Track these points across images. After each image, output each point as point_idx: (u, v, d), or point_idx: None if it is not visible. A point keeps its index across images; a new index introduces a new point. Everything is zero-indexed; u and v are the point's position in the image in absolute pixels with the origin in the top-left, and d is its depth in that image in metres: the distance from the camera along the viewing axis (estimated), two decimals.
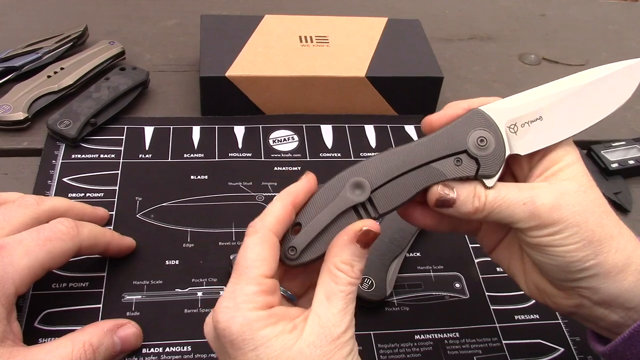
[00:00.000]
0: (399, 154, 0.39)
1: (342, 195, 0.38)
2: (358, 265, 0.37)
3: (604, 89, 0.42)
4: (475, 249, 0.58)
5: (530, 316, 0.53)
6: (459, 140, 0.39)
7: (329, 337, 0.35)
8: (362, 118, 0.70)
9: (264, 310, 0.35)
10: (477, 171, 0.39)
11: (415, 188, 0.39)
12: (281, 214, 0.38)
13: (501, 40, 0.86)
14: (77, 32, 0.73)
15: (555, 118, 0.41)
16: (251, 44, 0.69)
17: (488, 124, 0.40)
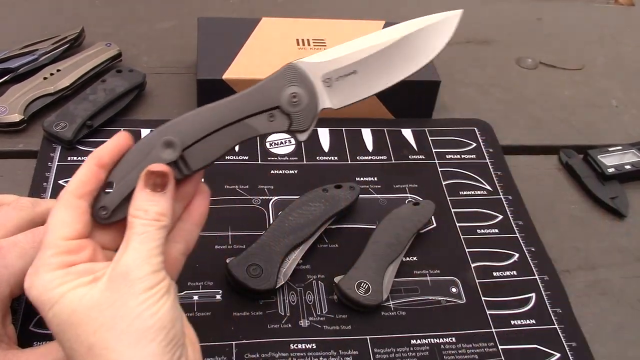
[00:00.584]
0: (213, 110, 0.40)
1: (153, 155, 0.39)
2: (153, 209, 0.37)
3: (418, 42, 0.44)
4: (471, 253, 0.58)
5: (526, 321, 0.53)
6: (272, 96, 0.40)
7: (125, 281, 0.35)
8: (359, 122, 0.70)
9: (61, 269, 0.36)
10: (290, 126, 0.40)
11: (228, 144, 0.40)
12: (85, 176, 0.38)
13: (498, 44, 0.86)
14: (73, 33, 0.73)
15: (369, 72, 0.42)
16: (248, 46, 0.69)
17: (302, 79, 0.41)
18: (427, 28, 0.44)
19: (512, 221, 0.61)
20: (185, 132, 0.39)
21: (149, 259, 0.36)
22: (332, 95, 0.42)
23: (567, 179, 0.67)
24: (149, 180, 0.38)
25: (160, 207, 0.38)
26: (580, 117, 0.75)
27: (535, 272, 0.57)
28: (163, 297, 0.35)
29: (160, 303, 0.35)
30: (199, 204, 0.42)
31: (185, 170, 0.39)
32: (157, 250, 0.37)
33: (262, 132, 0.40)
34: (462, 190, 0.64)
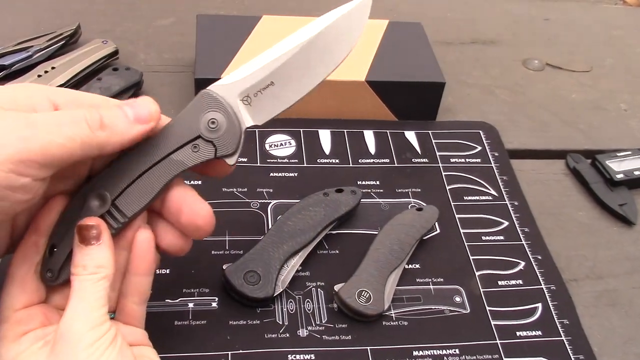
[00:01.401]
0: (138, 154, 0.39)
1: (85, 210, 0.38)
2: (91, 263, 0.37)
3: (331, 37, 0.42)
4: (476, 261, 0.56)
5: (532, 332, 0.52)
6: (191, 126, 0.39)
7: (67, 342, 0.35)
8: (361, 123, 0.68)
9: (15, 340, 0.36)
10: (216, 152, 0.40)
11: (158, 183, 0.39)
12: (23, 247, 0.38)
13: (504, 45, 0.85)
14: (69, 30, 0.71)
15: (286, 80, 0.41)
16: (248, 45, 0.67)
17: (217, 103, 0.40)
18: (338, 21, 0.42)
19: (517, 228, 0.60)
20: (112, 182, 0.39)
21: (87, 315, 0.36)
22: (254, 112, 0.41)
23: (574, 184, 0.66)
24: (81, 235, 0.37)
25: (97, 260, 0.37)
26: (588, 121, 0.73)
27: (542, 282, 0.55)
28: (107, 350, 0.36)
29: (104, 357, 0.35)
30: (141, 253, 0.40)
31: (121, 219, 0.39)
32: (97, 303, 0.36)
33: (190, 164, 0.40)
34: (466, 195, 0.62)
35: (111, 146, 0.36)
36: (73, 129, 0.34)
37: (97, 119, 0.35)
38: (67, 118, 0.35)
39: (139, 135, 0.37)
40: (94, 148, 0.35)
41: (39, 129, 0.33)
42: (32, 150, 0.32)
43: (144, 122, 0.37)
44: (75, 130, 0.34)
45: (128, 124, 0.37)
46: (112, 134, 0.36)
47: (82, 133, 0.35)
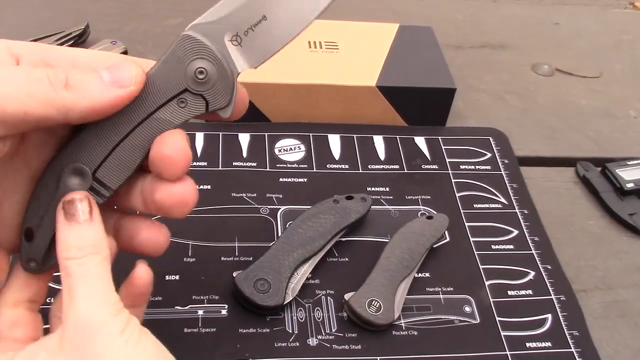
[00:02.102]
0: (113, 117, 0.34)
1: (62, 188, 0.34)
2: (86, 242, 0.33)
3: None
4: (486, 270, 0.56)
5: (542, 344, 0.51)
6: (175, 78, 0.34)
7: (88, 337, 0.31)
8: (371, 128, 0.67)
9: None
10: (207, 106, 0.35)
11: (143, 147, 0.35)
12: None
13: (513, 49, 0.84)
14: (78, 30, 0.71)
15: (281, 11, 0.35)
16: None
17: (204, 49, 0.34)
18: None
19: (527, 237, 0.59)
20: (88, 152, 0.34)
21: (105, 299, 0.32)
22: (246, 54, 0.36)
23: (584, 193, 0.65)
24: (68, 212, 0.33)
25: (92, 239, 0.33)
26: (598, 128, 0.73)
27: (552, 292, 0.55)
28: (140, 337, 0.32)
29: (141, 346, 0.32)
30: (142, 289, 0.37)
31: (105, 192, 0.35)
32: (110, 286, 0.33)
33: (177, 122, 0.35)
34: (476, 203, 0.62)
35: (79, 110, 0.31)
36: (31, 84, 0.30)
37: (61, 78, 0.31)
38: (24, 72, 0.31)
39: (115, 101, 0.32)
40: (57, 110, 0.31)
41: None
42: None
43: (122, 86, 0.32)
44: (34, 86, 0.30)
45: (101, 87, 0.32)
46: (80, 96, 0.31)
47: (42, 90, 0.30)
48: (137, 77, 0.33)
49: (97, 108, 0.32)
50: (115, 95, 0.32)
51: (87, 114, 0.32)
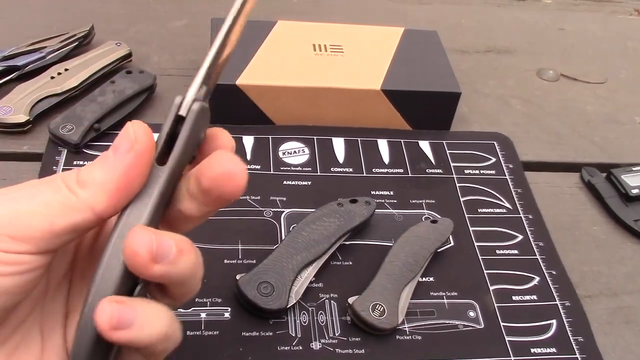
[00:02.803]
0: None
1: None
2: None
3: None
4: (490, 275, 0.56)
5: (547, 350, 0.51)
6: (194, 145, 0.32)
7: None
8: (375, 132, 0.67)
9: None
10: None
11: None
12: None
13: (519, 54, 0.84)
14: (82, 31, 0.71)
15: None
16: (263, 50, 0.67)
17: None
18: None
19: (532, 242, 0.59)
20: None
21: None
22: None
23: (589, 198, 0.65)
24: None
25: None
26: (603, 134, 0.73)
27: (557, 297, 0.55)
28: None
29: None
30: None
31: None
32: None
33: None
34: (480, 208, 0.61)
35: (101, 204, 0.29)
36: (48, 194, 0.29)
37: (72, 178, 0.30)
38: (42, 186, 0.30)
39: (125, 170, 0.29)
40: (83, 212, 0.29)
41: (8, 197, 0.29)
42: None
43: (125, 151, 0.30)
44: (50, 195, 0.29)
45: (112, 162, 0.29)
46: (97, 186, 0.29)
47: (59, 195, 0.29)
48: (138, 134, 0.30)
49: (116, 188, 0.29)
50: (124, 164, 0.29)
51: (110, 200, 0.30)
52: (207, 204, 0.32)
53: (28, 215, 0.28)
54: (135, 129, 0.30)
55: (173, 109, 0.31)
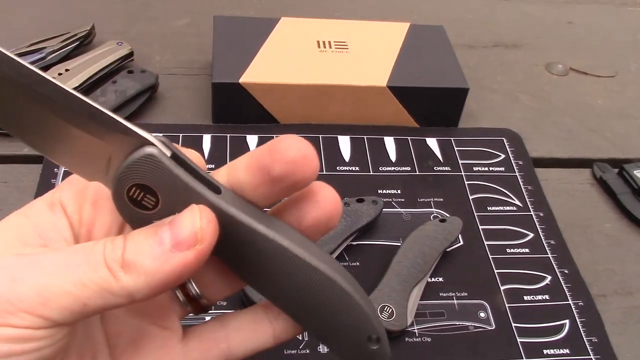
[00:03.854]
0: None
1: None
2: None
3: None
4: (501, 275, 0.55)
5: (560, 351, 0.50)
6: None
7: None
8: (382, 129, 0.66)
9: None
10: None
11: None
12: None
13: (527, 48, 0.82)
14: (83, 31, 0.70)
15: None
16: (266, 48, 0.65)
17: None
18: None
19: (543, 240, 0.58)
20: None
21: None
22: None
23: (601, 195, 0.64)
24: None
25: None
26: (614, 129, 0.71)
27: (569, 297, 0.54)
28: None
29: None
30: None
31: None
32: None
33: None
34: (490, 206, 0.60)
35: (140, 293, 0.26)
36: (87, 272, 0.26)
37: (118, 256, 0.26)
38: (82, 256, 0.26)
39: (180, 269, 0.26)
40: (119, 297, 0.26)
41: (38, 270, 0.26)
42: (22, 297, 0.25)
43: (186, 247, 0.26)
44: (90, 275, 0.26)
45: (161, 257, 0.26)
46: (141, 275, 0.26)
47: (98, 277, 0.26)
48: (205, 230, 0.26)
49: (164, 283, 0.26)
50: (179, 262, 0.26)
51: (153, 292, 0.26)
52: (271, 195, 0.29)
53: (61, 295, 0.25)
54: (203, 225, 0.26)
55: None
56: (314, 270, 0.29)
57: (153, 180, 0.27)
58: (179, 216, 0.27)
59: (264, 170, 0.28)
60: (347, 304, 0.30)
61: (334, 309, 0.30)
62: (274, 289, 0.30)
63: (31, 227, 0.29)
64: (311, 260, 0.29)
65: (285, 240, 0.29)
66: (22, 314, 0.25)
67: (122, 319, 0.32)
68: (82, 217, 0.30)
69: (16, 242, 0.28)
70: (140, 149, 0.27)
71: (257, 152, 0.29)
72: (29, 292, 0.25)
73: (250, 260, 0.29)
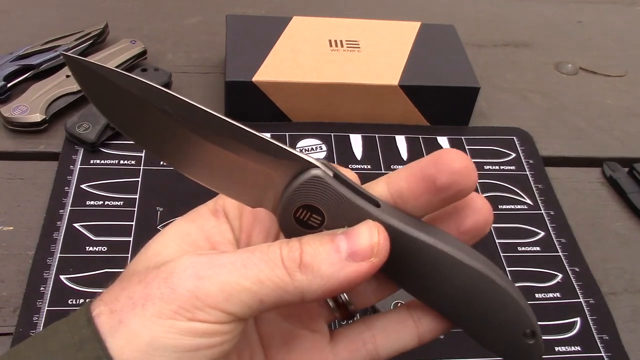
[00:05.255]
0: None
1: None
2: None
3: None
4: (512, 273, 0.55)
5: (571, 348, 0.50)
6: None
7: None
8: (393, 128, 0.66)
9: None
10: None
11: None
12: None
13: (536, 48, 0.83)
14: (97, 29, 0.70)
15: None
16: (279, 47, 0.66)
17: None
18: None
19: (554, 239, 0.58)
20: None
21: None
22: None
23: (611, 194, 0.64)
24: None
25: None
26: (624, 128, 0.72)
27: (580, 295, 0.54)
28: None
29: None
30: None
31: None
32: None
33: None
34: (501, 204, 0.61)
35: (313, 293, 0.28)
36: (265, 270, 0.28)
37: (296, 257, 0.28)
38: (259, 255, 0.28)
39: (354, 278, 0.28)
40: (292, 295, 0.28)
41: (219, 268, 0.28)
42: (209, 293, 0.27)
43: (362, 258, 0.28)
44: (268, 273, 0.28)
45: (338, 263, 0.28)
46: (316, 277, 0.28)
47: (276, 276, 0.28)
48: (380, 245, 0.28)
49: (337, 288, 0.28)
50: (354, 271, 0.28)
51: (324, 294, 0.28)
52: (431, 204, 0.31)
53: (241, 291, 0.27)
54: (380, 240, 0.28)
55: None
56: (474, 272, 0.30)
57: (319, 200, 0.29)
58: (356, 229, 0.29)
59: (428, 180, 0.30)
60: (505, 301, 0.31)
61: (493, 306, 0.31)
62: (433, 292, 0.32)
63: (199, 232, 0.31)
64: (471, 262, 0.30)
65: (446, 246, 0.30)
66: (208, 309, 0.27)
67: (274, 322, 0.34)
68: (243, 223, 0.33)
69: (187, 246, 0.31)
70: (306, 172, 0.29)
71: (419, 163, 0.31)
72: (214, 289, 0.27)
73: (410, 267, 0.31)
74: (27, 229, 0.53)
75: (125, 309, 0.27)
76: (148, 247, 0.31)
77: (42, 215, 0.54)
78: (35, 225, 0.53)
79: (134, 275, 0.29)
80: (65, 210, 0.55)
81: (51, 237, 0.52)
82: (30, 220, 0.54)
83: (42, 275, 0.50)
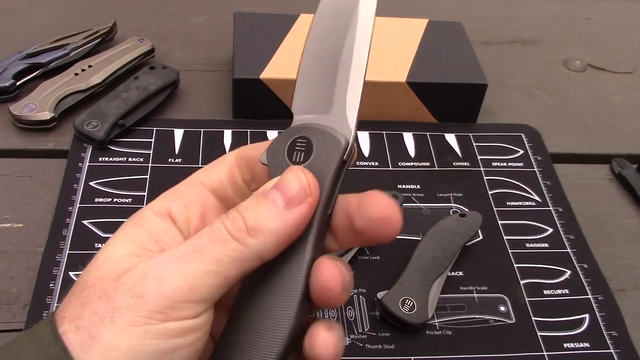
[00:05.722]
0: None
1: None
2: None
3: None
4: (520, 269, 0.55)
5: (580, 344, 0.50)
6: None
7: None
8: (400, 125, 0.66)
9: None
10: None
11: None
12: None
13: (544, 45, 0.83)
14: (105, 27, 0.71)
15: None
16: (287, 44, 0.66)
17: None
18: None
19: (562, 235, 0.58)
20: None
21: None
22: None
23: (619, 190, 0.64)
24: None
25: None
26: (633, 124, 0.71)
27: (589, 291, 0.54)
28: None
29: None
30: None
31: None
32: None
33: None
34: (509, 201, 0.61)
35: (270, 250, 0.29)
36: (216, 247, 0.28)
37: (241, 226, 0.29)
38: (204, 239, 0.29)
39: (301, 220, 0.29)
40: (252, 261, 0.29)
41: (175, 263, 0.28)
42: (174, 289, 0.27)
43: (299, 202, 0.29)
44: (221, 250, 0.28)
45: (280, 215, 0.29)
46: (267, 236, 0.29)
47: (231, 249, 0.28)
48: (310, 184, 0.30)
49: (288, 237, 0.29)
50: (297, 216, 0.29)
51: (279, 247, 0.29)
52: (353, 242, 0.33)
53: (203, 276, 0.28)
54: (309, 181, 0.29)
55: (336, 154, 0.32)
56: None
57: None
58: (283, 178, 0.30)
59: (350, 219, 0.31)
60: None
61: None
62: None
63: (147, 235, 0.31)
64: None
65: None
66: (179, 304, 0.27)
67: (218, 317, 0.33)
68: (191, 228, 0.32)
69: (137, 250, 0.30)
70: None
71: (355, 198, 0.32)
72: (178, 283, 0.27)
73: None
74: (37, 226, 0.54)
75: (93, 324, 0.27)
76: (97, 255, 0.30)
77: (52, 213, 0.54)
78: (44, 222, 0.54)
79: (91, 289, 0.28)
80: (74, 207, 0.55)
81: (60, 234, 0.53)
82: (39, 217, 0.54)
83: (52, 272, 0.50)
